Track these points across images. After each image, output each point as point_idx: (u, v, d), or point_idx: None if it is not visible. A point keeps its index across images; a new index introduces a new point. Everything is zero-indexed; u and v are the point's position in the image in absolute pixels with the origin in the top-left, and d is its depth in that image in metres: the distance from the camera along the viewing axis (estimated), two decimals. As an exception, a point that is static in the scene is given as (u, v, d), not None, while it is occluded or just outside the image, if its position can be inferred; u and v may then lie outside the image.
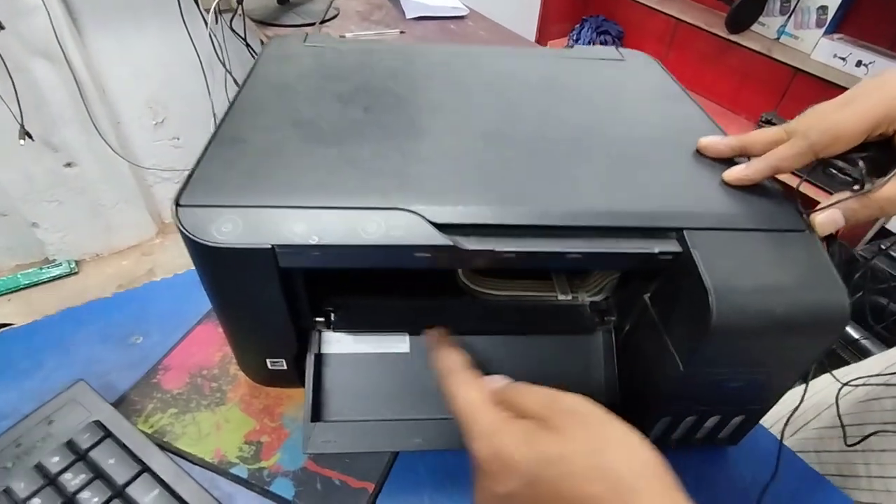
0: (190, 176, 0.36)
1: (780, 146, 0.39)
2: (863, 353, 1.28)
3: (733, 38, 1.67)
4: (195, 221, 0.33)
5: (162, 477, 0.40)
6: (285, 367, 0.43)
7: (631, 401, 0.44)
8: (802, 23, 1.56)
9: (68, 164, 1.54)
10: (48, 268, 1.65)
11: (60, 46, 1.37)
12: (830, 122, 0.37)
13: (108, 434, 0.42)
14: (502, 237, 0.35)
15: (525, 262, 0.36)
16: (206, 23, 1.36)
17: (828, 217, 0.37)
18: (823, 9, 1.51)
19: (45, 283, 1.63)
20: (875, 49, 1.43)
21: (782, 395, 0.42)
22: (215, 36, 1.42)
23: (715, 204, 0.39)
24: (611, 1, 2.12)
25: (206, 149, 0.39)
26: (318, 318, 0.43)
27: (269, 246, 0.33)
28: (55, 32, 1.34)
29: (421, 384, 0.44)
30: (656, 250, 0.36)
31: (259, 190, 0.36)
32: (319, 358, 0.43)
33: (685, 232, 0.36)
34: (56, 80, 1.41)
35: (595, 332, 0.46)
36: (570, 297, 0.47)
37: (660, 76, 0.57)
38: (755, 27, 1.67)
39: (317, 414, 0.43)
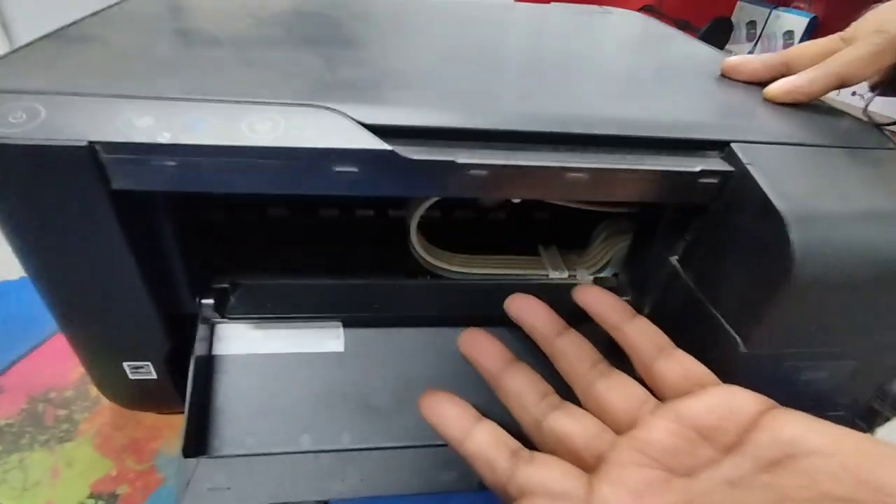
0: (-16, 61, 0.23)
1: (846, 49, 0.29)
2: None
3: (703, 65, 1.66)
4: (-34, 108, 0.20)
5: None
6: (155, 377, 0.29)
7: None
8: (770, 49, 1.56)
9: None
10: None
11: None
12: None
13: None
14: (468, 148, 0.23)
15: (502, 188, 0.24)
16: None
17: (925, 128, 0.27)
18: (789, 34, 1.51)
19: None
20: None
21: (870, 396, 0.30)
22: None
23: (763, 118, 0.28)
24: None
25: (27, 44, 0.26)
26: (204, 300, 0.29)
27: (85, 143, 0.20)
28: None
29: (361, 398, 0.31)
30: (698, 169, 0.24)
31: (92, 77, 0.23)
32: (208, 362, 0.30)
33: (734, 146, 0.25)
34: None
35: (602, 319, 0.34)
36: (565, 276, 0.35)
37: (658, 24, 0.48)
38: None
39: (201, 445, 0.28)
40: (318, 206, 0.38)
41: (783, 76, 0.32)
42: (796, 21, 1.50)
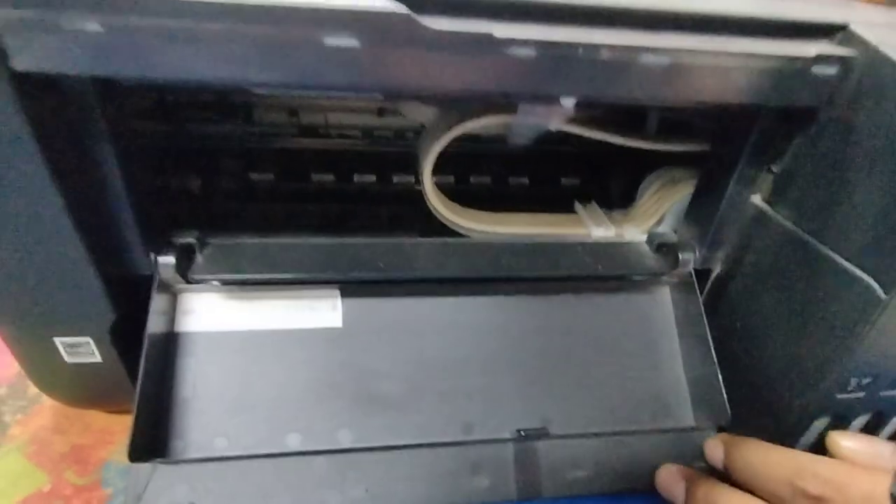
0: None
1: None
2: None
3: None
4: None
5: None
6: (99, 359, 0.23)
7: (748, 396, 0.24)
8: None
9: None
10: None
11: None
12: None
13: None
14: (508, 20, 0.17)
15: (553, 78, 0.18)
16: None
17: None
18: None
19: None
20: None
21: None
22: None
23: (869, 8, 0.22)
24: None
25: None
26: (162, 258, 0.22)
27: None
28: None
29: (363, 385, 0.24)
30: (813, 53, 0.18)
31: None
32: (167, 340, 0.23)
33: (853, 27, 0.19)
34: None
35: (660, 282, 0.27)
36: (611, 234, 0.29)
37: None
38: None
39: (157, 447, 0.22)
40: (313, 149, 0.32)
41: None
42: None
